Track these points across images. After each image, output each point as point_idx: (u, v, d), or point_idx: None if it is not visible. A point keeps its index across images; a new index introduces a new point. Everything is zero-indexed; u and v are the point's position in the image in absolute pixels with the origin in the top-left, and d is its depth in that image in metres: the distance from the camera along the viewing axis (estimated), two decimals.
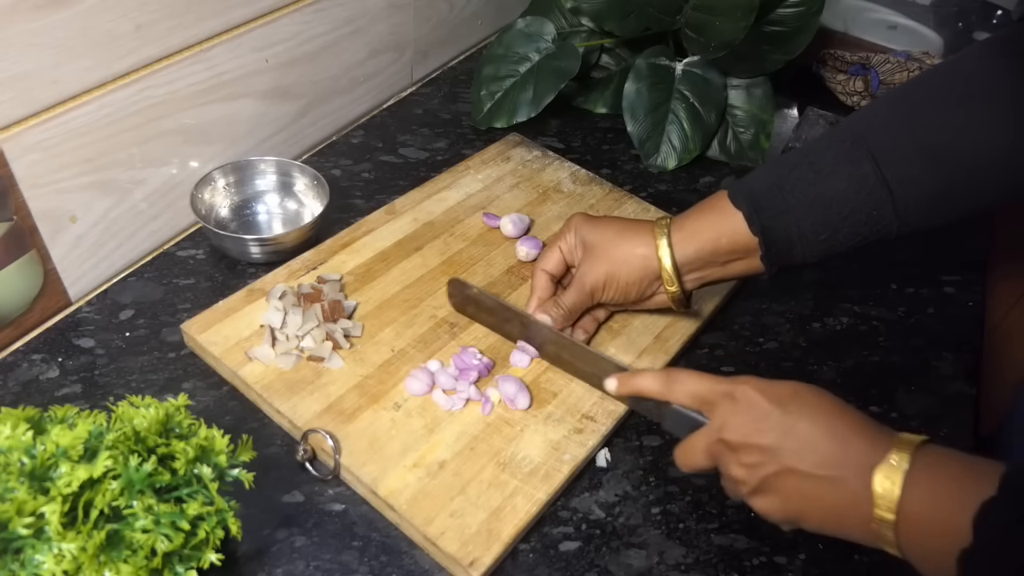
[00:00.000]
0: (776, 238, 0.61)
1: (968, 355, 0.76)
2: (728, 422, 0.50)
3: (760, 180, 0.62)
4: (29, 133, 0.59)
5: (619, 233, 0.65)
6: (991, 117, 0.58)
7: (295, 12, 0.77)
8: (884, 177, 0.58)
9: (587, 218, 0.67)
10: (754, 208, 0.60)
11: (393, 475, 0.57)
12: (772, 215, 0.60)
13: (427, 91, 1.01)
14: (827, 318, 0.77)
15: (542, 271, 0.68)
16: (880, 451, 0.45)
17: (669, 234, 0.63)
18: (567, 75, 0.90)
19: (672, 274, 0.63)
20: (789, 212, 0.60)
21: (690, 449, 0.53)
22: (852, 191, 0.59)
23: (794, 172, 0.61)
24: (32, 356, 0.64)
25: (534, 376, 0.65)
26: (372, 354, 0.65)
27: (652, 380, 0.55)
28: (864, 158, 0.59)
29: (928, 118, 0.59)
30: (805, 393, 0.50)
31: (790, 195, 0.60)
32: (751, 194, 0.61)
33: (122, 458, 0.44)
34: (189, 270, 0.73)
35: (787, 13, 0.88)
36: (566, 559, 0.56)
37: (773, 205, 0.61)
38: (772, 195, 0.61)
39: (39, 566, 0.41)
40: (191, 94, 0.70)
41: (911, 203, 0.59)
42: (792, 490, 0.48)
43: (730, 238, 0.61)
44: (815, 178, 0.60)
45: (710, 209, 0.63)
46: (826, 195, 0.60)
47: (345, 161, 0.87)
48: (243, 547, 0.54)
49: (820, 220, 0.60)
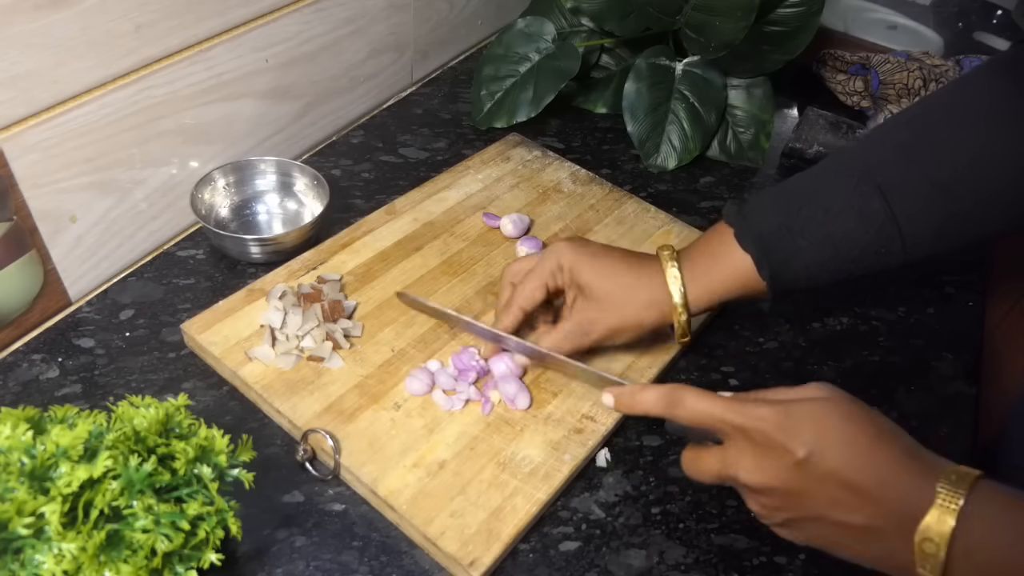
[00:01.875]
0: (783, 278, 0.60)
1: (968, 355, 0.76)
2: (743, 463, 0.46)
3: (768, 219, 0.60)
4: (29, 133, 0.59)
5: (628, 283, 0.61)
6: (1001, 145, 0.56)
7: (295, 12, 0.77)
8: (893, 213, 0.57)
9: (582, 255, 0.62)
10: (763, 252, 0.59)
11: (393, 475, 0.57)
12: (781, 259, 0.59)
13: (427, 91, 1.01)
14: (827, 318, 0.77)
15: (520, 308, 0.63)
16: (925, 495, 0.41)
17: (684, 290, 0.60)
18: (567, 75, 0.90)
19: (686, 327, 0.62)
20: (799, 255, 0.59)
21: (699, 466, 0.50)
22: (861, 230, 0.58)
23: (803, 212, 0.59)
24: (32, 356, 0.64)
25: (534, 376, 0.65)
26: (372, 354, 0.65)
27: (654, 401, 0.51)
28: (873, 194, 0.58)
29: (938, 148, 0.58)
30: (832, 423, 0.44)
31: (799, 236, 0.59)
32: (760, 237, 0.59)
33: (122, 458, 0.44)
34: (189, 270, 0.73)
35: (787, 13, 0.88)
36: (566, 559, 0.56)
37: (782, 248, 0.59)
38: (781, 237, 0.59)
39: (39, 566, 0.41)
40: (191, 94, 0.70)
41: (919, 237, 0.58)
42: (820, 534, 0.45)
43: (741, 284, 0.61)
44: (824, 217, 0.59)
45: (719, 254, 0.61)
46: (835, 235, 0.59)
47: (345, 161, 0.87)
48: (243, 547, 0.54)
49: (828, 260, 0.60)
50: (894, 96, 1.00)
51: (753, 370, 0.71)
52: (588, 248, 0.63)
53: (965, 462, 0.44)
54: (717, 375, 0.70)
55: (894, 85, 1.00)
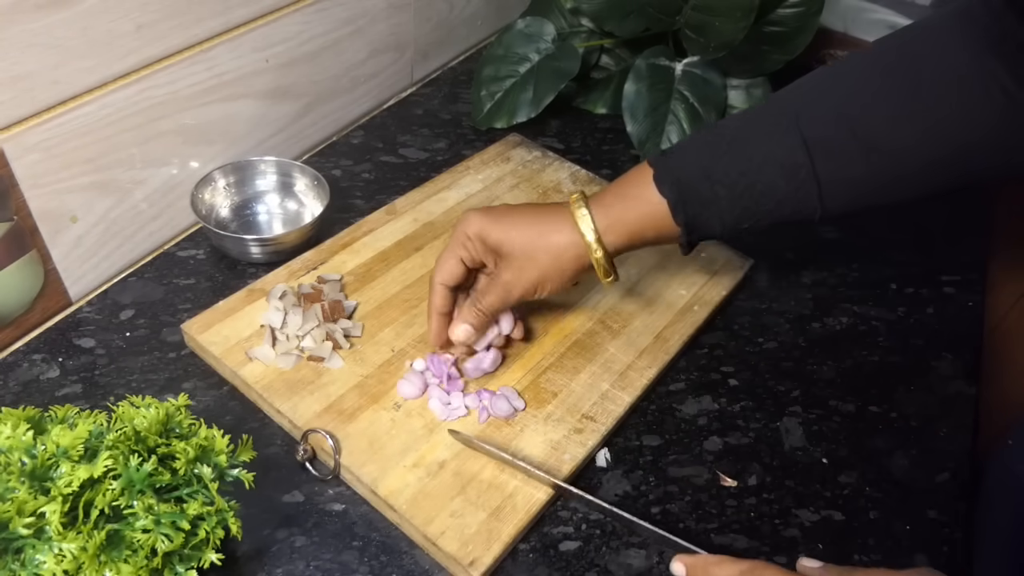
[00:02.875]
0: (698, 225, 0.59)
1: (968, 355, 0.76)
2: None
3: (689, 164, 0.58)
4: (29, 133, 0.59)
5: (539, 233, 0.59)
6: (941, 109, 0.54)
7: (295, 12, 0.77)
8: (815, 171, 0.55)
9: (489, 218, 0.60)
10: (680, 198, 0.57)
11: (393, 475, 0.57)
12: (698, 205, 0.57)
13: (427, 91, 1.01)
14: (827, 318, 0.77)
15: (442, 285, 0.62)
16: None
17: (596, 228, 0.58)
18: (567, 75, 0.90)
19: (608, 267, 0.60)
20: (716, 203, 0.57)
21: None
22: (782, 183, 0.56)
23: (726, 159, 0.57)
24: (32, 356, 0.64)
25: (534, 376, 0.65)
26: (372, 354, 0.65)
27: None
28: (799, 148, 0.56)
29: (871, 107, 0.55)
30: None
31: (718, 185, 0.57)
32: (678, 182, 0.57)
33: (122, 458, 0.44)
34: (189, 270, 0.73)
35: (787, 13, 0.88)
36: (566, 559, 0.56)
37: (700, 196, 0.57)
38: (699, 184, 0.57)
39: (39, 566, 0.41)
40: (191, 94, 0.70)
41: (838, 196, 0.57)
42: None
43: (655, 227, 0.59)
44: (747, 167, 0.57)
45: (634, 196, 0.59)
46: (755, 187, 0.57)
47: (345, 161, 0.87)
48: (243, 547, 0.54)
49: (745, 212, 0.58)
50: None
51: (753, 370, 0.71)
52: (493, 211, 0.62)
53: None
54: (717, 375, 0.70)
55: None
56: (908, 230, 0.89)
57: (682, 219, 0.58)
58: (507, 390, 0.63)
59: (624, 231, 0.59)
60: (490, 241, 0.60)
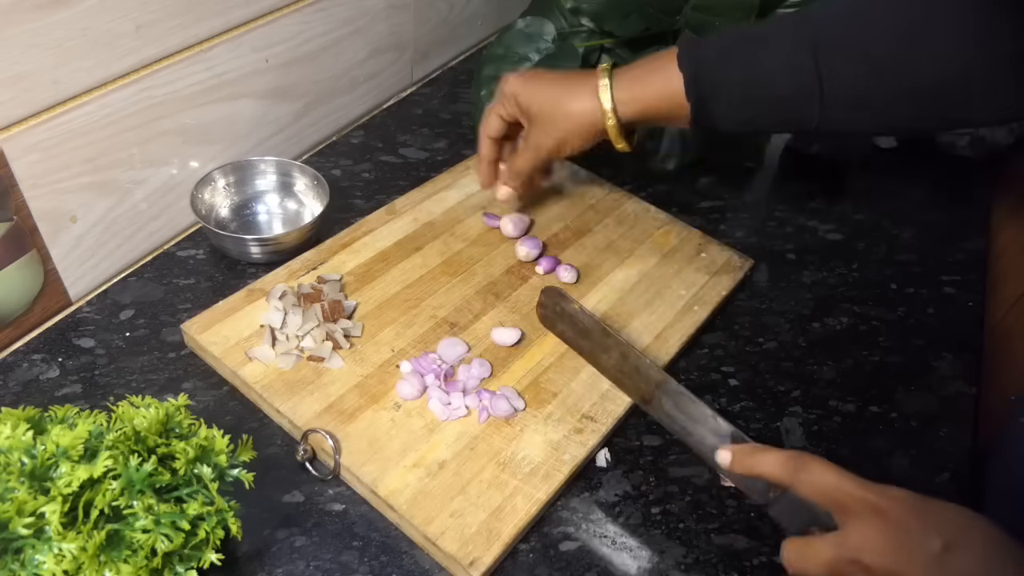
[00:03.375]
0: (706, 107, 0.62)
1: (968, 355, 0.76)
2: (874, 543, 0.42)
3: (710, 47, 0.62)
4: (29, 133, 0.59)
5: (562, 98, 0.66)
6: (948, 34, 0.56)
7: (295, 12, 0.77)
8: (819, 73, 0.58)
9: (523, 81, 0.68)
10: (695, 76, 0.61)
11: (393, 475, 0.57)
12: (709, 86, 0.61)
13: (427, 91, 1.01)
14: (827, 318, 0.77)
15: (487, 137, 0.71)
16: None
17: (613, 98, 0.64)
18: None
19: (619, 135, 0.65)
20: (726, 85, 0.61)
21: (809, 555, 0.45)
22: (784, 76, 0.60)
23: (743, 49, 0.61)
24: (32, 356, 0.64)
25: (534, 376, 0.65)
26: (372, 354, 0.65)
27: (776, 463, 0.46)
28: (807, 46, 0.59)
29: (883, 22, 0.58)
30: (972, 525, 0.42)
31: (728, 67, 0.61)
32: (696, 62, 0.62)
33: (122, 458, 0.44)
34: (189, 270, 0.73)
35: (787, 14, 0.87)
36: (566, 559, 0.56)
37: (713, 76, 0.61)
38: (715, 64, 0.62)
39: (39, 566, 0.41)
40: (191, 94, 0.70)
41: (839, 103, 0.59)
42: None
43: (668, 102, 0.63)
44: (758, 59, 0.61)
45: (655, 70, 0.64)
46: (761, 76, 0.60)
47: (345, 161, 0.87)
48: (243, 547, 0.54)
49: (749, 100, 0.62)
50: None
51: (753, 370, 0.71)
52: (529, 74, 0.69)
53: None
54: (717, 375, 0.70)
55: None
56: (908, 230, 0.89)
57: (693, 96, 0.62)
58: (507, 390, 0.63)
59: (639, 104, 0.64)
60: (521, 100, 0.67)
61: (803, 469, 0.45)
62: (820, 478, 0.44)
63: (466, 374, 0.64)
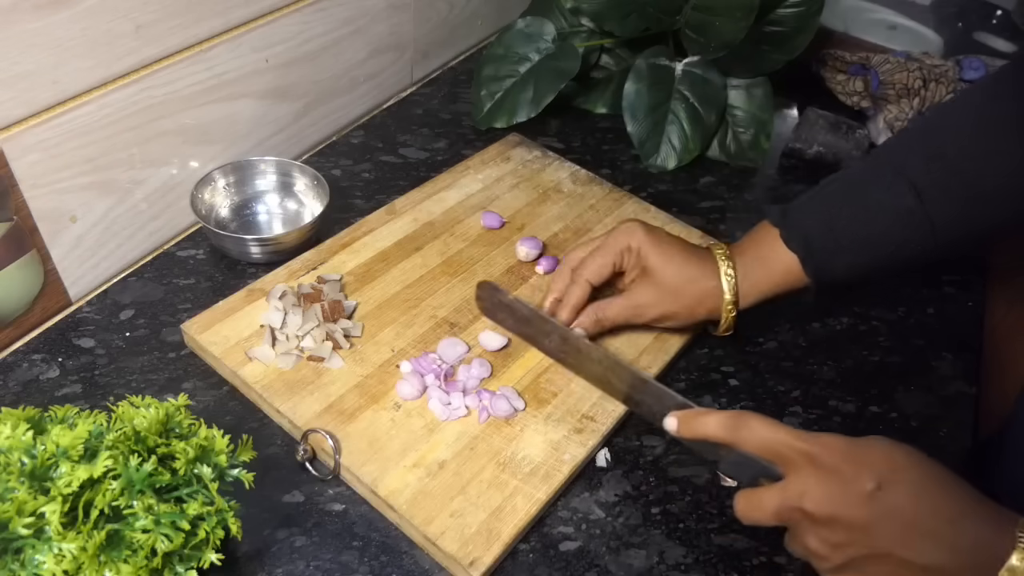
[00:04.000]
0: (826, 274, 0.64)
1: (968, 355, 0.76)
2: (811, 490, 0.45)
3: (812, 220, 0.63)
4: (29, 133, 0.59)
5: (689, 274, 0.64)
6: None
7: (295, 12, 0.77)
8: (928, 212, 0.59)
9: (652, 238, 0.64)
10: (808, 251, 0.62)
11: (393, 475, 0.57)
12: (825, 257, 0.63)
13: (427, 91, 1.01)
14: (827, 318, 0.77)
15: (586, 281, 0.64)
16: (1002, 541, 0.41)
17: (737, 286, 0.64)
18: (567, 75, 0.90)
19: (732, 323, 0.66)
20: (840, 253, 0.62)
21: (757, 504, 0.48)
22: (898, 228, 0.61)
23: (844, 211, 0.62)
24: (32, 356, 0.64)
25: (534, 376, 0.65)
26: (372, 354, 0.65)
27: (718, 424, 0.49)
28: (908, 192, 0.60)
29: (966, 151, 0.59)
30: (904, 462, 0.44)
31: (842, 236, 0.62)
32: (804, 238, 0.63)
33: (122, 458, 0.44)
34: (189, 270, 0.73)
35: (787, 13, 0.88)
36: (566, 559, 0.56)
37: (825, 247, 0.62)
38: (824, 237, 0.62)
39: (39, 566, 0.41)
40: (191, 94, 0.70)
41: (951, 233, 0.60)
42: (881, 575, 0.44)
43: (786, 282, 0.64)
44: (865, 217, 0.61)
45: (766, 256, 0.64)
46: (875, 233, 0.61)
47: (345, 161, 0.87)
48: (243, 547, 0.54)
49: (869, 257, 0.63)
50: (894, 96, 1.00)
51: (753, 370, 0.71)
52: (657, 233, 0.66)
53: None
54: (717, 375, 0.70)
55: (894, 85, 1.00)
56: None
57: (812, 271, 0.63)
58: (507, 390, 0.63)
59: (759, 290, 0.65)
60: (647, 262, 0.64)
61: (743, 427, 0.48)
62: (759, 433, 0.47)
63: (466, 374, 0.64)
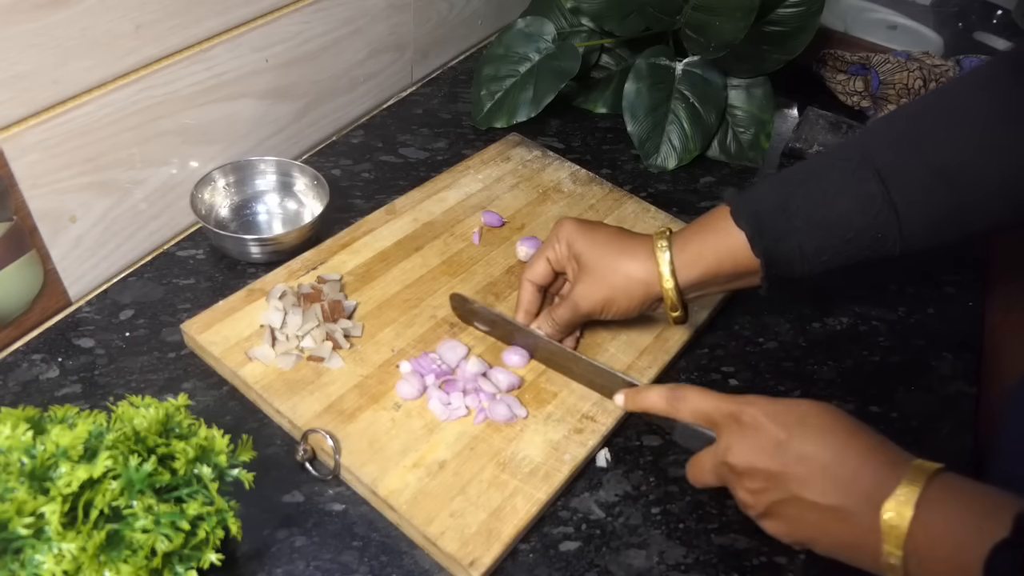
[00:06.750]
0: (777, 259, 0.59)
1: (968, 355, 0.76)
2: (733, 446, 0.50)
3: (765, 200, 0.60)
4: (29, 133, 0.59)
5: (617, 253, 0.62)
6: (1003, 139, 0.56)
7: (295, 12, 0.77)
8: (892, 199, 0.57)
9: (579, 228, 0.64)
10: (757, 230, 0.59)
11: (393, 475, 0.57)
12: (775, 237, 0.59)
13: (427, 91, 1.01)
14: (827, 318, 0.77)
15: (529, 282, 0.66)
16: (890, 482, 0.44)
17: (672, 259, 0.60)
18: (567, 75, 0.90)
19: (677, 301, 0.61)
20: (792, 234, 0.59)
21: (698, 467, 0.54)
22: (858, 212, 0.57)
23: (800, 191, 0.59)
24: (32, 356, 0.64)
25: (534, 376, 0.65)
26: (372, 354, 0.65)
27: (658, 397, 0.55)
28: (871, 178, 0.57)
29: (939, 137, 0.57)
30: (814, 416, 0.49)
31: (794, 216, 0.59)
32: (755, 215, 0.59)
33: (122, 458, 0.44)
34: (189, 270, 0.73)
35: (787, 13, 0.88)
36: (566, 559, 0.56)
37: (777, 226, 0.59)
38: (776, 216, 0.59)
39: (39, 566, 0.41)
40: (191, 94, 0.70)
41: (917, 225, 0.57)
42: (799, 518, 0.48)
43: (732, 260, 0.60)
44: (821, 199, 0.58)
45: (712, 229, 0.61)
46: (831, 217, 0.58)
47: (345, 161, 0.87)
48: (243, 547, 0.54)
49: (823, 242, 0.59)
50: (894, 96, 1.00)
51: (753, 370, 0.71)
52: (586, 223, 0.65)
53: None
54: (717, 375, 0.70)
55: (894, 85, 1.00)
56: None
57: (760, 250, 0.59)
58: (509, 398, 0.63)
59: (700, 266, 0.60)
60: (574, 249, 0.63)
61: (681, 399, 0.53)
62: (694, 403, 0.53)
63: (466, 374, 0.64)
